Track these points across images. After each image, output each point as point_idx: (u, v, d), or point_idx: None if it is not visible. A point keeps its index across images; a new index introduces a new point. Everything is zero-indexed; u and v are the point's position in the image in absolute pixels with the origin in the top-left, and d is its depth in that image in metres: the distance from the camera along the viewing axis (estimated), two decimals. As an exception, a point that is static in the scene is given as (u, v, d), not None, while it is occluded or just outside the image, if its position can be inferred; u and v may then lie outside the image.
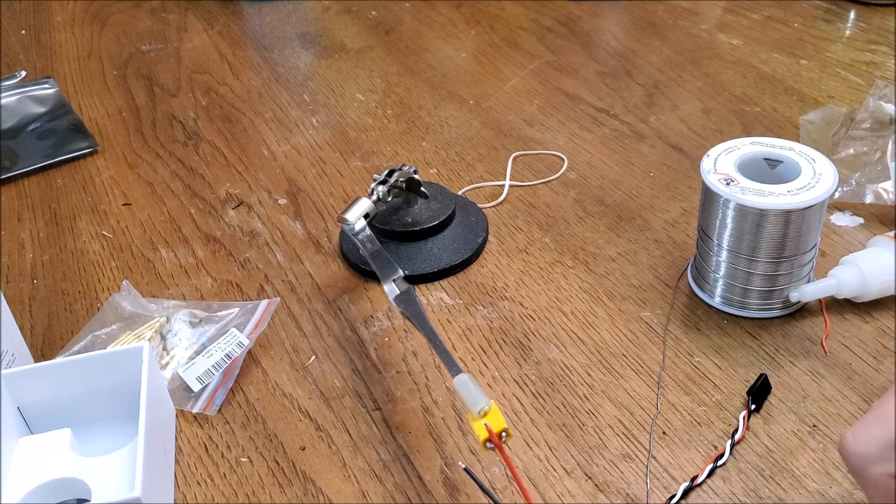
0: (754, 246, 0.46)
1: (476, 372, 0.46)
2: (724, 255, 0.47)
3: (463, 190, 0.62)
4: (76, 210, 0.63)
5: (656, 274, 0.52)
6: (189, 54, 0.87)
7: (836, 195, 0.56)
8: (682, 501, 0.39)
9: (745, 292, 0.48)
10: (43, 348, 0.51)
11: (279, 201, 0.62)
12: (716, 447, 0.41)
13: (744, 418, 0.41)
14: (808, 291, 0.47)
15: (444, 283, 0.53)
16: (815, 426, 0.42)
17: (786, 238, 0.45)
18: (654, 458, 0.41)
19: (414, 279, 0.52)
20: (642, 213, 0.58)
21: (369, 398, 0.45)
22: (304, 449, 0.43)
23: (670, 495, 0.38)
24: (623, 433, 0.42)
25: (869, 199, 0.55)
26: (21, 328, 0.48)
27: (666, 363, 0.46)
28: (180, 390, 0.46)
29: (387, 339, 0.49)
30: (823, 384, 0.44)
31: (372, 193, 0.52)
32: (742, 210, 0.45)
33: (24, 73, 0.84)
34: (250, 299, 0.53)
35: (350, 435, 0.43)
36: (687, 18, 0.86)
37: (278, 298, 0.52)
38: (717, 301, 0.49)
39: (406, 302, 0.46)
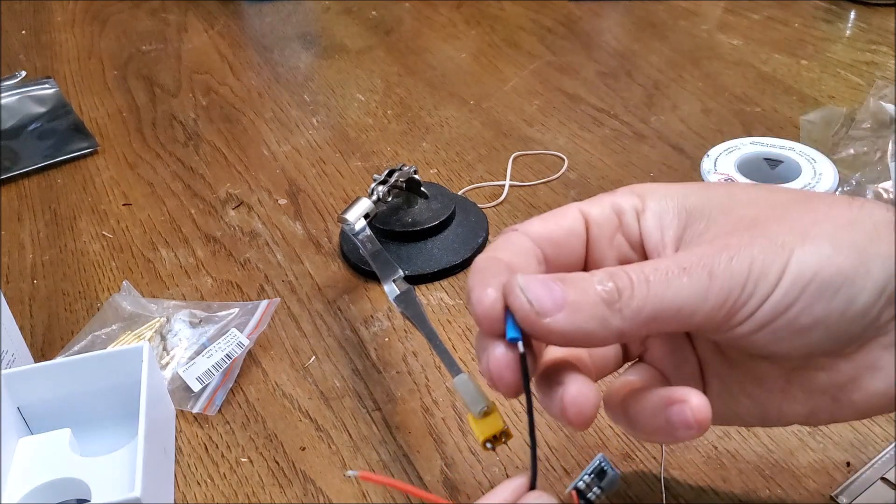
0: (754, 246, 0.46)
1: (476, 372, 0.46)
2: (724, 255, 0.47)
3: (463, 190, 0.62)
4: (76, 210, 0.63)
5: (656, 274, 0.52)
6: (189, 54, 0.87)
7: (837, 195, 0.56)
8: (682, 501, 0.39)
9: (746, 292, 0.48)
10: (43, 348, 0.51)
11: (279, 201, 0.62)
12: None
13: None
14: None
15: (445, 283, 0.53)
16: (815, 426, 0.42)
17: (786, 238, 0.45)
18: (654, 458, 0.41)
19: (414, 279, 0.52)
20: (642, 214, 0.58)
21: (369, 398, 0.45)
22: (304, 449, 0.43)
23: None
24: (623, 433, 0.42)
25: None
26: (21, 328, 0.48)
27: (666, 363, 0.46)
28: (180, 390, 0.46)
29: (387, 339, 0.49)
30: (824, 384, 0.44)
31: (372, 193, 0.52)
32: (742, 210, 0.45)
33: (24, 73, 0.84)
34: (250, 299, 0.53)
35: (350, 435, 0.43)
36: (687, 19, 0.86)
37: (278, 299, 0.52)
38: (717, 301, 0.49)
39: (406, 302, 0.46)
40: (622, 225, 0.32)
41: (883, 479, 0.38)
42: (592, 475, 0.31)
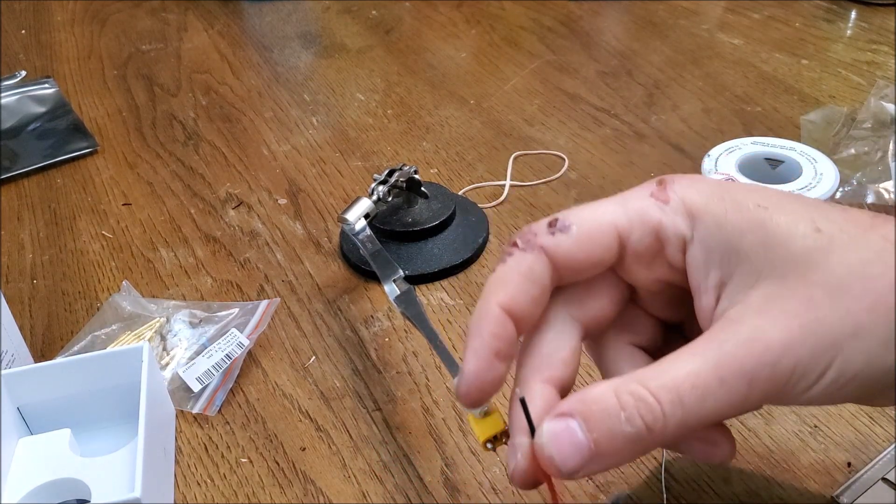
0: (755, 246, 0.46)
1: (476, 372, 0.46)
2: (724, 255, 0.47)
3: (463, 190, 0.62)
4: (76, 210, 0.63)
5: (657, 274, 0.52)
6: (189, 54, 0.87)
7: (838, 195, 0.56)
8: (683, 501, 0.38)
9: (746, 292, 0.48)
10: (43, 348, 0.51)
11: (279, 201, 0.62)
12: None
13: None
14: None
15: (445, 283, 0.53)
16: (816, 427, 0.41)
17: (787, 238, 0.45)
18: (654, 458, 0.41)
19: (414, 279, 0.52)
20: (643, 213, 0.58)
21: (369, 398, 0.45)
22: (304, 449, 0.43)
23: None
24: (624, 434, 0.42)
25: (870, 199, 0.55)
26: (21, 328, 0.47)
27: (667, 363, 0.46)
28: (180, 391, 0.46)
29: (387, 339, 0.49)
30: (824, 384, 0.44)
31: (372, 193, 0.52)
32: (743, 210, 0.45)
33: (24, 73, 0.84)
34: (250, 299, 0.53)
35: (350, 435, 0.43)
36: (688, 18, 0.86)
37: (278, 299, 0.52)
38: (717, 301, 0.49)
39: (406, 302, 0.46)
40: (665, 253, 0.30)
41: (884, 479, 0.38)
42: None
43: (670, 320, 0.33)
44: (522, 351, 0.32)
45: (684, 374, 0.26)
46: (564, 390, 0.31)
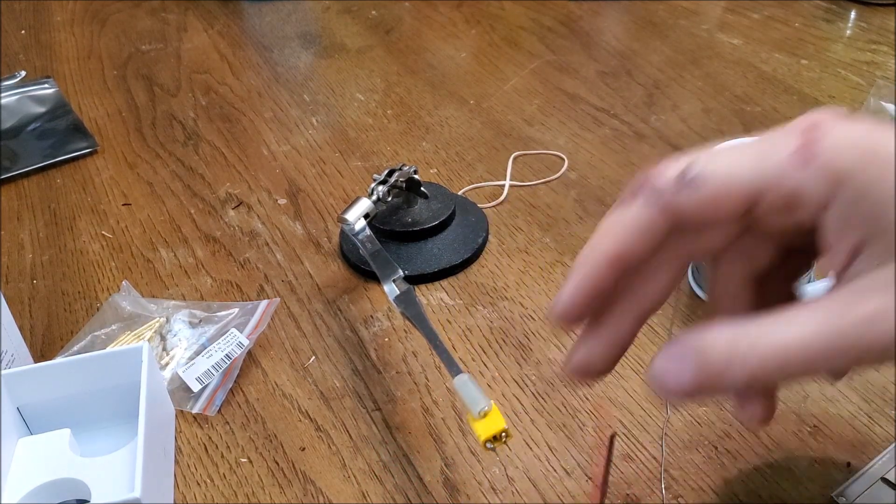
0: (755, 246, 0.46)
1: (476, 372, 0.46)
2: (724, 255, 0.47)
3: (463, 190, 0.62)
4: (76, 210, 0.63)
5: (657, 274, 0.52)
6: (189, 54, 0.87)
7: None
8: (682, 501, 0.38)
9: (746, 292, 0.48)
10: (43, 348, 0.51)
11: (279, 201, 0.62)
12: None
13: None
14: (809, 291, 0.47)
15: (444, 283, 0.53)
16: (815, 427, 0.42)
17: (786, 238, 0.45)
18: (654, 458, 0.41)
19: (414, 279, 0.52)
20: (643, 213, 0.58)
21: (369, 398, 0.45)
22: (303, 449, 0.43)
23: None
24: (623, 433, 0.42)
25: (870, 199, 0.55)
26: (21, 328, 0.47)
27: (666, 363, 0.46)
28: (180, 391, 0.46)
29: (387, 339, 0.49)
30: (824, 385, 0.44)
31: (372, 193, 0.52)
32: (743, 210, 0.45)
33: (23, 73, 0.84)
34: (250, 299, 0.53)
35: (350, 435, 0.43)
36: (687, 18, 0.86)
37: (278, 299, 0.52)
38: (717, 301, 0.49)
39: (406, 302, 0.46)
40: (795, 213, 0.28)
41: (883, 479, 0.38)
42: None
43: (794, 244, 0.32)
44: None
45: (797, 340, 0.25)
46: (645, 317, 0.31)
